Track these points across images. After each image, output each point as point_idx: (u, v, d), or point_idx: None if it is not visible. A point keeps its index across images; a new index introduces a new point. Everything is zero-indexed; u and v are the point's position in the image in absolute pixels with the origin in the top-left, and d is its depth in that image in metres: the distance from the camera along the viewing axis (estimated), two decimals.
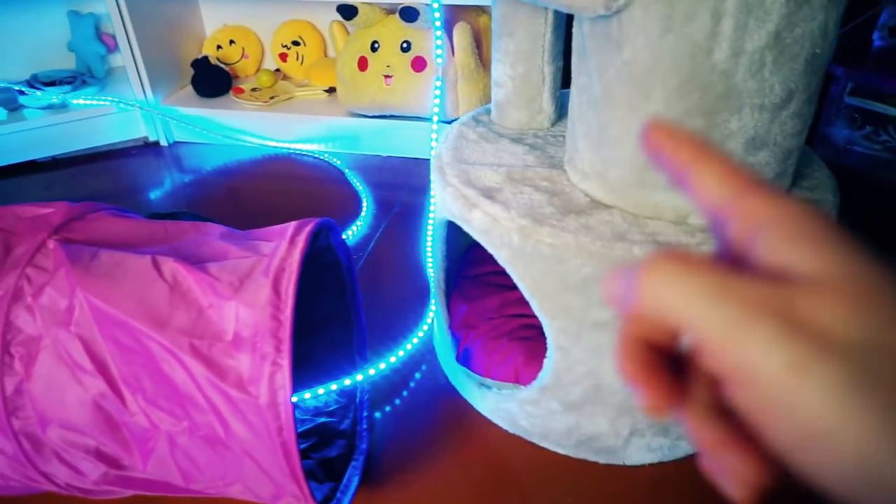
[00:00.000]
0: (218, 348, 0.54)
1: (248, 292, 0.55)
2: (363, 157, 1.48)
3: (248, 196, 1.39)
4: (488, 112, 0.89)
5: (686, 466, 0.76)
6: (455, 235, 0.84)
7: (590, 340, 0.65)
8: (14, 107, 1.49)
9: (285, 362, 0.52)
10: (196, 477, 0.58)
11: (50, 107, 1.50)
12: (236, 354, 0.53)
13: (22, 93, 1.51)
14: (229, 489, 0.59)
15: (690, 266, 0.18)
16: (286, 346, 0.53)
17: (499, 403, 0.78)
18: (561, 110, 0.86)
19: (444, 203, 0.74)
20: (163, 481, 0.59)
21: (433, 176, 0.78)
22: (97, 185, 1.46)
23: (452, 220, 0.72)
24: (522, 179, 0.72)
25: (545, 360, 0.70)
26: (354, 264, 0.79)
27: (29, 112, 1.49)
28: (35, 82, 1.55)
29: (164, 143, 1.59)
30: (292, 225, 0.64)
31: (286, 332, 0.53)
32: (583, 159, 0.68)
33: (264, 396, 0.52)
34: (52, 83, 1.55)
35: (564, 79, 0.83)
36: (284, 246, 0.59)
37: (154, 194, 1.43)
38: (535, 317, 0.84)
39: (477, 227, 0.67)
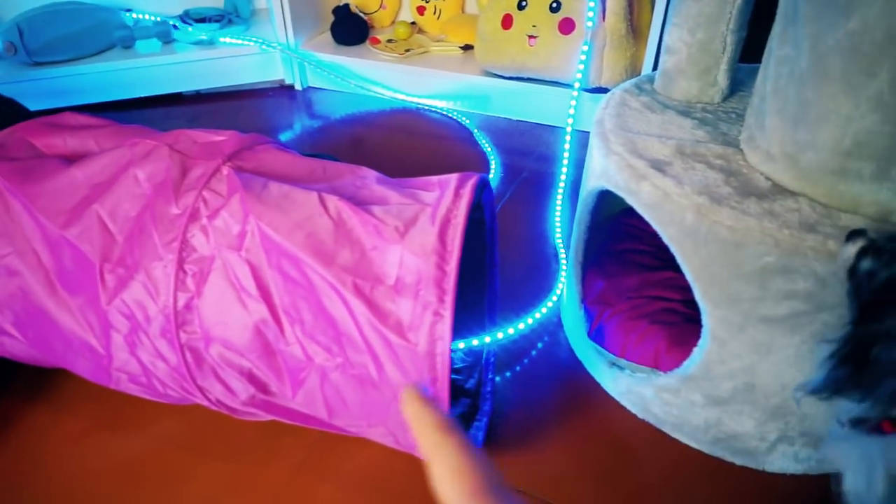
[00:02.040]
0: (380, 291, 0.54)
1: (413, 239, 0.54)
2: (493, 119, 1.45)
3: (373, 147, 1.40)
4: (651, 80, 0.83)
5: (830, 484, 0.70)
6: (596, 207, 0.80)
7: (754, 335, 0.60)
8: (167, 40, 1.57)
9: (447, 313, 0.51)
10: (341, 413, 0.59)
11: (199, 43, 1.57)
12: (398, 299, 0.53)
13: (175, 27, 1.59)
14: (371, 430, 0.60)
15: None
16: (449, 298, 0.52)
17: (631, 386, 0.75)
18: (734, 86, 0.79)
19: (604, 172, 0.70)
20: (306, 413, 0.61)
21: (594, 142, 0.74)
22: (234, 121, 1.52)
23: (614, 190, 0.68)
24: (694, 155, 0.67)
25: (695, 349, 0.65)
26: (496, 225, 0.77)
27: (180, 46, 1.56)
28: (187, 18, 1.61)
29: (298, 87, 1.63)
30: (455, 177, 0.62)
31: (451, 284, 0.52)
32: (770, 139, 0.62)
33: (423, 345, 0.51)
34: (201, 20, 1.61)
35: (743, 51, 0.76)
36: (450, 196, 0.57)
37: (284, 136, 1.47)
38: (678, 301, 0.79)
39: (645, 200, 0.63)
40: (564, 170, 1.17)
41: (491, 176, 1.22)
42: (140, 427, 0.74)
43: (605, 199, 0.77)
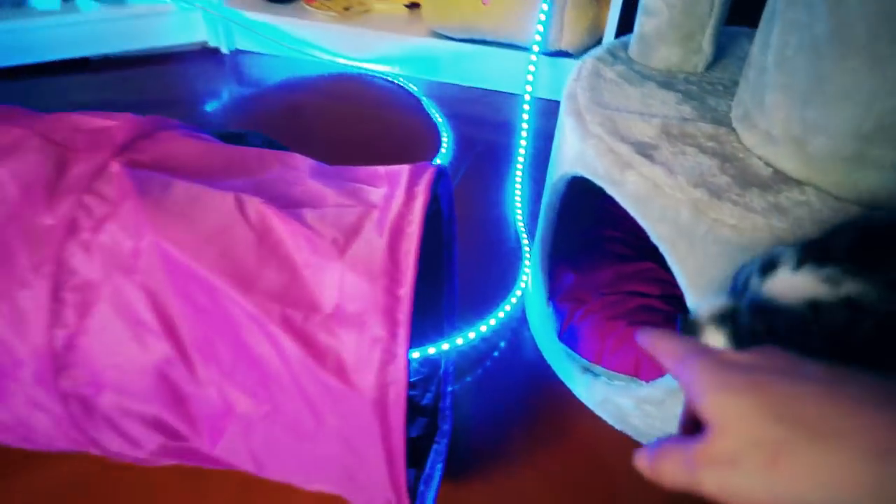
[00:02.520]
0: (315, 322, 0.42)
1: (356, 255, 0.43)
2: (443, 86, 1.32)
3: (312, 118, 1.26)
4: (624, 46, 0.73)
5: None
6: (566, 195, 0.70)
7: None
8: None
9: (401, 351, 0.41)
10: (272, 467, 0.48)
11: (106, 0, 1.37)
12: (338, 332, 0.42)
13: None
14: (309, 486, 0.49)
15: None
16: (403, 331, 0.41)
17: (608, 395, 0.66)
18: (718, 52, 0.70)
19: (580, 157, 0.60)
20: (231, 463, 0.49)
21: (565, 121, 0.63)
22: (151, 90, 1.34)
23: (592, 179, 0.58)
24: (682, 136, 0.57)
25: None
26: (455, 217, 0.66)
27: (83, 3, 1.35)
28: None
29: (224, 50, 1.45)
30: (406, 170, 0.51)
31: (405, 313, 0.41)
32: (771, 119, 0.53)
33: (371, 391, 0.41)
34: None
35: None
36: (401, 197, 0.46)
37: (210, 106, 1.31)
38: (657, 297, 0.71)
39: (630, 192, 0.54)
40: (524, 142, 1.06)
41: (443, 150, 1.10)
42: (27, 470, 0.61)
43: (576, 182, 0.67)
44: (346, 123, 1.22)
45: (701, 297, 0.52)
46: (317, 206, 0.48)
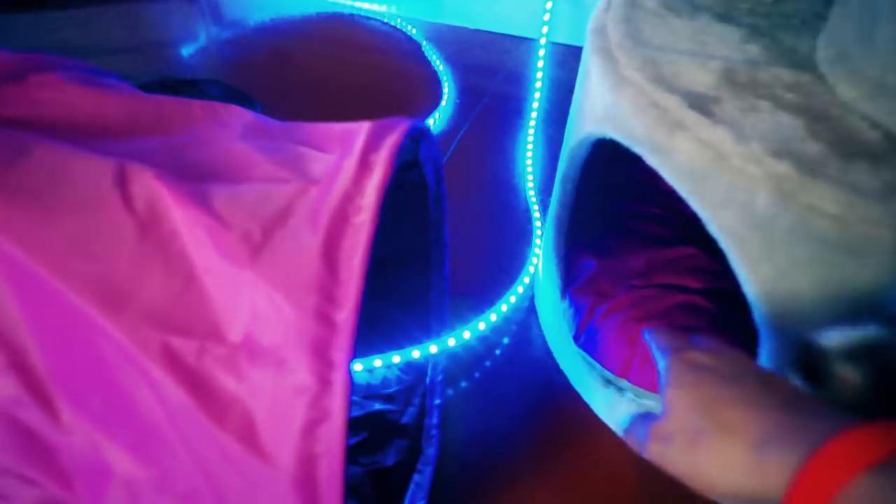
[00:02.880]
0: (213, 358, 0.29)
1: (276, 258, 0.29)
2: (447, 29, 1.15)
3: (297, 65, 1.10)
4: None
5: None
6: (589, 160, 0.55)
7: None
8: None
9: (337, 405, 0.27)
10: None
11: None
12: (246, 375, 0.28)
13: None
14: None
15: None
16: (340, 377, 0.27)
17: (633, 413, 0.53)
18: None
19: (610, 112, 0.44)
20: None
21: (591, 63, 0.47)
22: (117, 32, 1.18)
23: (626, 143, 0.43)
24: (751, 84, 0.42)
25: None
26: (444, 188, 0.52)
27: None
28: None
29: None
30: (364, 127, 0.36)
31: (343, 350, 0.27)
32: (883, 62, 0.37)
33: (290, 465, 0.27)
34: None
35: None
36: (351, 169, 0.32)
37: (186, 50, 1.15)
38: (699, 292, 0.56)
39: (681, 163, 0.39)
40: (538, 95, 0.90)
41: (443, 103, 0.94)
42: None
43: (601, 146, 0.52)
44: (336, 71, 1.06)
45: (777, 316, 0.38)
46: (236, 180, 0.34)
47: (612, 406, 0.55)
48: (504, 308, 0.63)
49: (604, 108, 0.46)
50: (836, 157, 0.35)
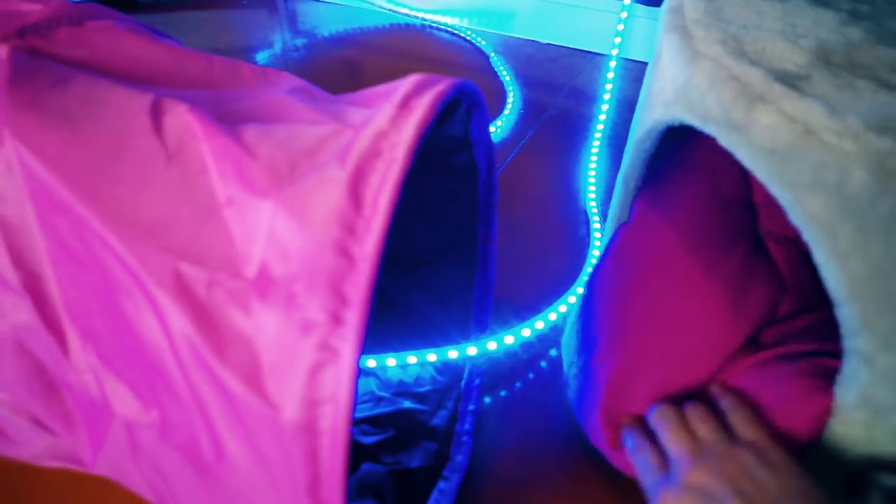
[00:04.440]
0: (226, 290, 0.27)
1: (300, 189, 0.27)
2: (516, 42, 1.14)
3: (366, 72, 1.12)
4: None
5: None
6: (656, 154, 0.51)
7: None
8: None
9: (348, 347, 0.25)
10: (168, 501, 0.33)
11: None
12: (255, 309, 0.26)
13: None
14: None
15: None
16: (355, 316, 0.25)
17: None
18: None
19: (683, 90, 0.41)
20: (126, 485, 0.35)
21: (665, 41, 0.45)
22: (199, 36, 1.24)
23: (700, 124, 0.39)
24: (849, 65, 0.38)
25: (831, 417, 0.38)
26: (496, 176, 0.49)
27: None
28: None
29: None
30: (410, 80, 0.34)
31: (361, 286, 0.25)
32: None
33: (293, 409, 0.25)
34: None
35: None
36: (389, 112, 0.30)
37: (261, 56, 1.20)
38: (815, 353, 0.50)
39: (762, 139, 0.35)
40: (605, 107, 0.88)
41: (506, 112, 0.93)
42: None
43: (672, 145, 0.48)
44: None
45: (873, 318, 0.33)
46: (273, 121, 0.33)
47: None
48: (552, 317, 0.59)
49: (675, 89, 0.42)
50: None
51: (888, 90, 0.35)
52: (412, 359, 0.52)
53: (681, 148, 0.54)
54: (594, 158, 0.82)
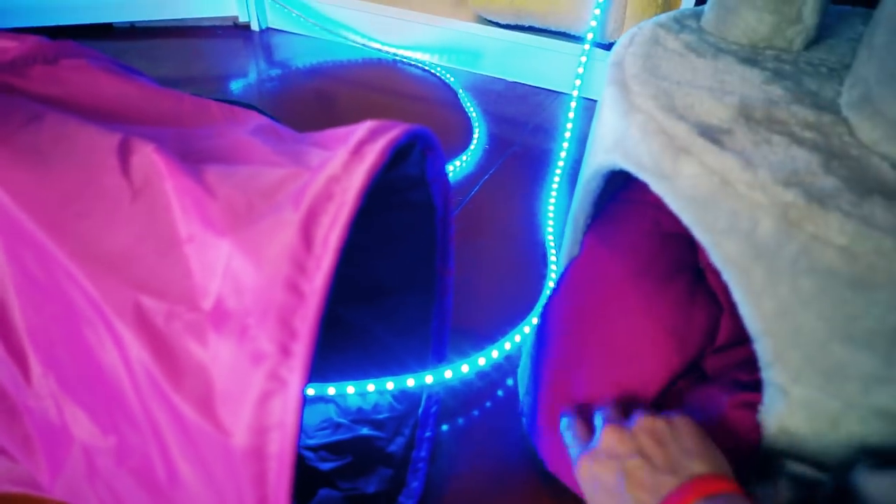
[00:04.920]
0: (183, 322, 0.29)
1: (255, 229, 0.30)
2: (484, 79, 1.19)
3: (339, 103, 1.15)
4: (696, 16, 0.58)
5: None
6: (602, 196, 0.55)
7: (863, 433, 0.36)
8: None
9: (294, 378, 0.27)
10: None
11: None
12: (211, 340, 0.28)
13: None
14: None
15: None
16: (302, 348, 0.27)
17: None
18: (823, 31, 0.54)
19: (620, 140, 0.45)
20: None
21: (607, 94, 0.48)
22: (173, 64, 1.26)
23: (634, 171, 0.43)
24: (768, 121, 0.42)
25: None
26: (453, 212, 0.52)
27: None
28: None
29: (255, 27, 1.37)
30: (365, 126, 0.37)
31: (309, 320, 0.27)
32: None
33: (243, 435, 0.27)
34: None
35: None
36: (342, 157, 0.32)
37: (235, 85, 1.22)
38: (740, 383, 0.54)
39: (685, 188, 0.38)
40: (565, 145, 0.92)
41: (472, 147, 0.97)
42: None
43: (619, 184, 0.52)
44: (374, 112, 1.10)
45: (782, 352, 0.36)
46: (234, 162, 0.35)
47: None
48: (507, 346, 0.62)
49: (614, 138, 0.46)
50: (849, 192, 0.35)
51: (799, 145, 0.39)
52: (371, 387, 0.54)
53: (626, 186, 0.58)
54: (554, 193, 0.86)
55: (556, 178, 0.88)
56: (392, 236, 0.51)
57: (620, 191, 0.58)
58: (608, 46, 1.03)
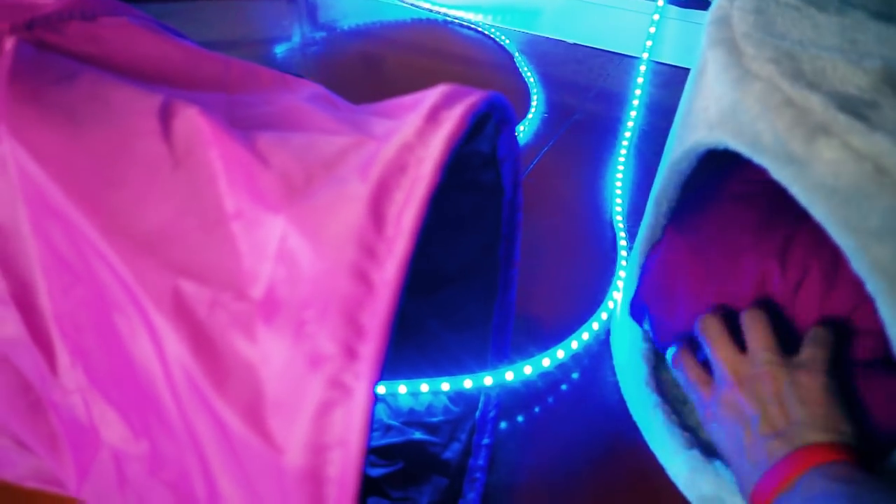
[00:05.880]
0: (228, 313, 0.25)
1: (315, 204, 0.26)
2: (542, 41, 1.13)
3: (386, 68, 1.11)
4: None
5: None
6: (691, 178, 0.49)
7: None
8: None
9: (361, 386, 0.23)
10: None
11: None
12: (261, 335, 0.25)
13: None
14: None
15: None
16: (372, 349, 0.23)
17: (719, 492, 0.46)
18: None
19: (730, 113, 0.39)
20: None
21: (709, 57, 0.43)
22: (216, 26, 1.24)
23: (751, 153, 0.37)
24: None
25: None
26: (521, 196, 0.47)
27: None
28: None
29: None
30: (438, 91, 0.33)
31: (379, 316, 0.23)
32: None
33: (297, 453, 0.23)
34: None
35: None
36: (415, 123, 0.28)
37: (279, 49, 1.19)
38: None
39: (823, 176, 0.33)
40: (633, 114, 0.86)
41: (530, 115, 0.91)
42: None
43: (711, 160, 0.46)
44: (424, 78, 1.04)
45: None
46: (288, 129, 0.32)
47: (693, 474, 0.48)
48: (574, 345, 0.57)
49: (721, 110, 0.41)
50: None
51: None
52: (424, 387, 0.50)
53: (723, 170, 0.52)
54: (621, 167, 0.80)
55: (623, 150, 0.83)
56: (454, 220, 0.47)
57: (715, 175, 0.52)
58: (684, 3, 0.96)
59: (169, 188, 0.28)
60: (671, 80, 0.98)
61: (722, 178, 0.51)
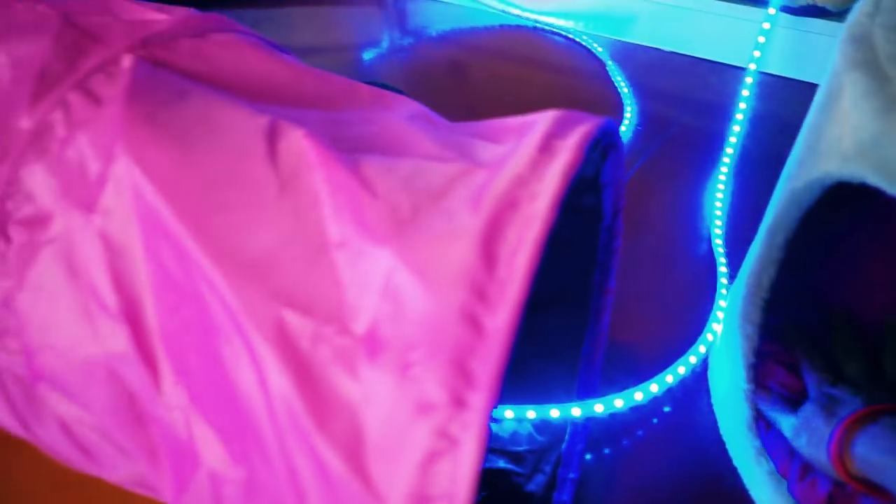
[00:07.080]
0: (330, 347, 0.25)
1: (423, 238, 0.25)
2: (636, 49, 1.09)
3: (474, 78, 1.10)
4: None
5: None
6: (812, 211, 0.45)
7: None
8: None
9: (470, 437, 0.22)
10: None
11: None
12: (363, 373, 0.24)
13: None
14: None
15: None
16: (481, 400, 0.22)
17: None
18: None
19: (874, 146, 0.36)
20: None
21: (847, 79, 0.39)
22: (303, 32, 1.26)
23: (887, 188, 0.34)
24: None
25: None
26: (621, 222, 0.45)
27: None
28: None
29: None
30: (548, 116, 0.31)
31: (490, 364, 0.22)
32: None
33: (398, 503, 0.22)
34: None
35: None
36: (528, 153, 0.27)
37: (367, 55, 1.20)
38: None
39: None
40: (737, 129, 0.81)
41: (623, 128, 0.88)
42: None
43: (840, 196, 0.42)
44: (512, 87, 1.05)
45: None
46: (391, 153, 0.31)
47: None
48: (669, 379, 0.55)
49: (859, 141, 0.37)
50: None
51: None
52: (510, 413, 0.49)
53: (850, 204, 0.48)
54: (721, 186, 0.76)
55: (724, 168, 0.78)
56: (550, 242, 0.45)
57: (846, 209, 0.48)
58: (797, 11, 0.90)
59: (274, 213, 0.28)
60: (776, 93, 0.93)
61: (852, 212, 0.47)
